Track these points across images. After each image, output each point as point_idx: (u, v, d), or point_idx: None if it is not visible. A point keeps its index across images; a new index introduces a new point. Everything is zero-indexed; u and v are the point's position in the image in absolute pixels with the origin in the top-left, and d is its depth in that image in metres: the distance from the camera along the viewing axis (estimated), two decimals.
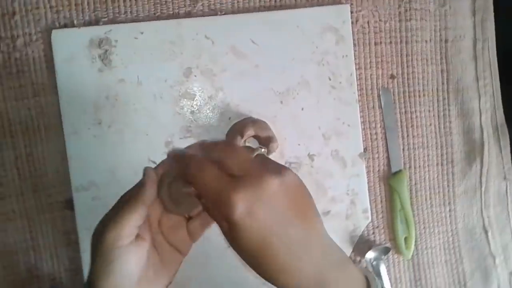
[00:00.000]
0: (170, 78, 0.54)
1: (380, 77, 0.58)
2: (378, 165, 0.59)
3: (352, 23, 0.57)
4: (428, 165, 0.60)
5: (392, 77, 0.59)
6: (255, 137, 0.54)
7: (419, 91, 0.59)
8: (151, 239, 0.36)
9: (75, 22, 0.54)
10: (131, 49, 0.54)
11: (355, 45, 0.57)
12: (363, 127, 0.58)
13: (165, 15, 0.55)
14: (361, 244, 0.58)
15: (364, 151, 0.58)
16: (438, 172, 0.60)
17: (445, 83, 0.60)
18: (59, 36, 0.53)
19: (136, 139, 0.54)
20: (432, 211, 0.60)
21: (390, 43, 0.59)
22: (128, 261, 0.33)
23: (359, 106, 0.57)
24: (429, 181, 0.60)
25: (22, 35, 0.53)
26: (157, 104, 0.54)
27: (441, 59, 0.60)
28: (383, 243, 0.59)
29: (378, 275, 0.58)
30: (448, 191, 0.60)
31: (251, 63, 0.55)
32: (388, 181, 0.59)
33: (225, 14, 0.56)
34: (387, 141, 0.59)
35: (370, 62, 0.58)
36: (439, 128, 0.60)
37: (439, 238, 0.60)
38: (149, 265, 0.35)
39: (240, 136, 0.52)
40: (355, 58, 0.57)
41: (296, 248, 0.31)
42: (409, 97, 0.59)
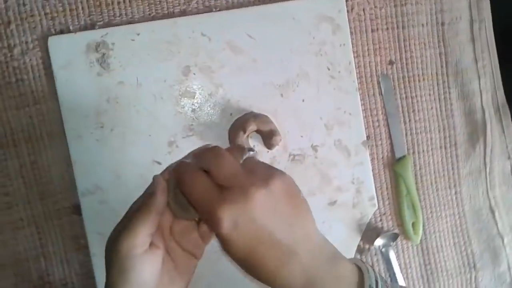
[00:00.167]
0: (169, 78, 0.54)
1: (379, 64, 0.58)
2: (382, 152, 0.59)
3: (348, 11, 0.57)
4: (431, 149, 0.60)
5: (391, 63, 0.59)
6: (258, 131, 0.54)
7: (418, 75, 0.59)
8: (164, 246, 0.36)
9: (70, 28, 0.54)
10: (128, 51, 0.53)
11: (351, 33, 0.57)
12: (364, 115, 0.58)
13: (160, 15, 0.55)
14: (369, 232, 0.58)
15: (367, 139, 0.58)
16: (442, 155, 0.60)
17: (444, 66, 0.60)
18: (56, 43, 0.53)
19: (139, 140, 0.54)
20: (438, 194, 0.60)
21: (387, 29, 0.58)
22: (143, 270, 0.33)
23: (360, 94, 0.57)
24: (434, 165, 0.60)
25: (19, 43, 0.53)
26: (157, 104, 0.54)
27: (438, 42, 0.59)
28: (391, 229, 0.59)
29: (387, 262, 0.58)
30: (453, 173, 0.60)
31: (249, 57, 0.55)
32: (393, 167, 0.59)
33: (220, 10, 0.56)
34: (389, 128, 0.59)
35: (368, 49, 0.58)
36: (440, 111, 0.60)
37: (446, 222, 0.60)
38: (164, 272, 0.35)
39: (243, 132, 0.52)
40: (352, 46, 0.57)
41: (284, 253, 0.31)
42: (408, 82, 0.59)
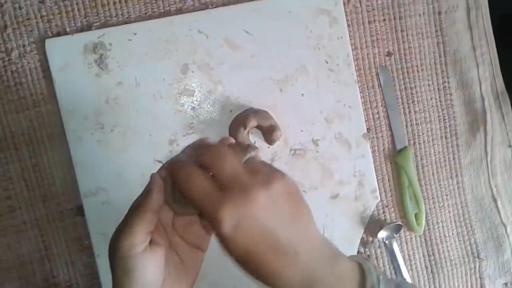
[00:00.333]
0: (167, 77, 0.54)
1: (377, 55, 0.58)
2: (383, 144, 0.59)
3: (344, 3, 0.56)
4: (432, 140, 0.60)
5: (389, 54, 0.59)
6: (258, 127, 0.54)
7: (417, 66, 0.59)
8: (167, 243, 0.36)
9: (67, 30, 0.54)
10: (126, 51, 0.53)
11: (349, 25, 0.57)
12: (364, 107, 0.58)
13: (157, 14, 0.55)
14: (372, 224, 0.58)
15: (367, 131, 0.58)
16: (443, 145, 0.60)
17: (442, 55, 0.60)
18: (53, 45, 0.53)
19: (139, 140, 0.54)
20: (440, 185, 0.60)
21: (384, 20, 0.58)
22: (146, 268, 0.33)
23: (359, 87, 0.57)
24: (435, 155, 0.60)
25: (16, 47, 0.53)
26: (157, 103, 0.54)
27: (436, 31, 0.59)
28: (394, 221, 0.59)
29: (391, 254, 0.58)
30: (454, 163, 0.60)
31: (247, 53, 0.55)
32: (394, 159, 0.59)
33: (216, 7, 0.55)
34: (389, 119, 0.59)
35: (366, 41, 0.58)
36: (440, 101, 0.60)
37: (449, 212, 0.61)
38: (170, 268, 0.35)
39: (243, 128, 0.52)
40: (350, 39, 0.57)
41: (284, 254, 0.31)
42: (407, 73, 0.59)
